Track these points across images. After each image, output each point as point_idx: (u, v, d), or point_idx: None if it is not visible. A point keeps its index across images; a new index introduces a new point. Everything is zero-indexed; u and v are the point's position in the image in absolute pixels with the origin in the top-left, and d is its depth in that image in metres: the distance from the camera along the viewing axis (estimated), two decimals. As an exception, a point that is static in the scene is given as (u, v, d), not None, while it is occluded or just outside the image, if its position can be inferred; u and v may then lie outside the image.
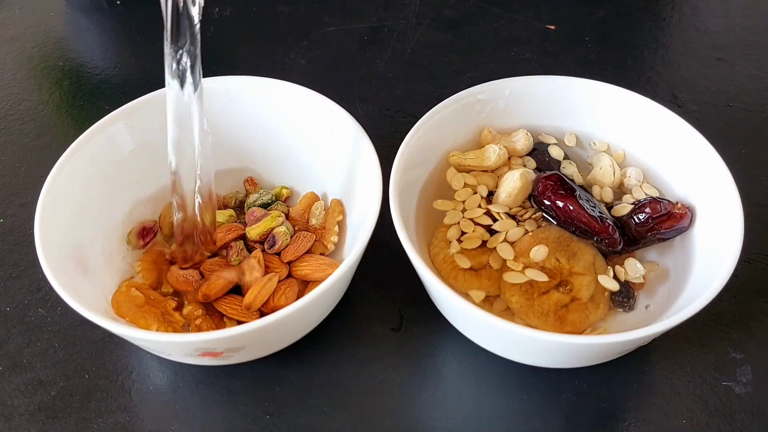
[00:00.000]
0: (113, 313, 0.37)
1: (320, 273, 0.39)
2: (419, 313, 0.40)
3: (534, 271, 0.37)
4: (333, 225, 0.41)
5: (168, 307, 0.38)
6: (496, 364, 0.38)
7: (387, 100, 0.53)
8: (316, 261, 0.40)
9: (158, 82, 0.43)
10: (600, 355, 0.36)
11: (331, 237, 0.41)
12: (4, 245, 0.45)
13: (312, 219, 0.42)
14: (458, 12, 0.61)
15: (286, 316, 0.32)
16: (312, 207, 0.42)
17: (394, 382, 0.38)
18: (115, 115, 0.41)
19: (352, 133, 0.40)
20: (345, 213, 0.42)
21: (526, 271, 0.37)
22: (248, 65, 0.57)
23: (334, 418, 0.37)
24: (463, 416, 0.37)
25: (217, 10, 0.61)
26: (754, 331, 0.39)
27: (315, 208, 0.42)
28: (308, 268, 0.39)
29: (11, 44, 0.59)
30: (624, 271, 0.38)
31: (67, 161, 0.39)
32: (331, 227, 0.41)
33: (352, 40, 0.59)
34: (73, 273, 0.37)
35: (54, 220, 0.37)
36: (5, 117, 0.53)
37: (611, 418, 0.36)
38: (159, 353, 0.36)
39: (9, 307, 0.42)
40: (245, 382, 0.38)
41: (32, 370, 0.39)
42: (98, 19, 0.62)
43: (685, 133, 0.40)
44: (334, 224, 0.41)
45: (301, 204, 0.43)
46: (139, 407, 0.37)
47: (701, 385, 0.37)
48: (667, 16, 0.60)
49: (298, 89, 0.42)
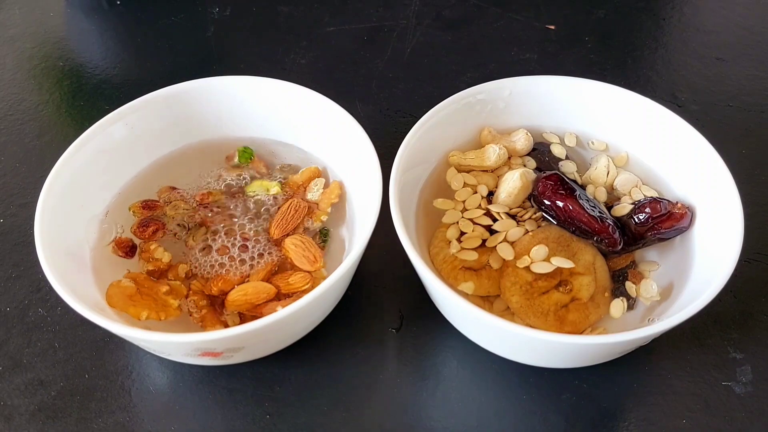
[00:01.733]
0: (109, 308, 0.37)
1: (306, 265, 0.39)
2: (419, 313, 0.40)
3: (541, 264, 0.37)
4: (327, 205, 0.41)
5: (159, 292, 0.38)
6: (496, 364, 0.38)
7: (387, 100, 0.53)
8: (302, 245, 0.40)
9: (158, 82, 0.44)
10: (600, 355, 0.36)
11: (321, 216, 0.41)
12: (4, 245, 0.45)
13: (309, 193, 0.42)
14: (458, 12, 0.61)
15: (286, 316, 0.32)
16: (312, 182, 0.43)
17: (394, 382, 0.38)
18: (115, 115, 0.41)
19: (352, 133, 0.40)
20: (344, 197, 0.42)
21: (533, 266, 0.37)
22: (248, 65, 0.57)
23: (334, 418, 0.37)
24: (463, 416, 0.37)
25: (217, 10, 0.62)
26: (754, 331, 0.39)
27: (314, 184, 0.43)
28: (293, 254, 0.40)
29: (11, 44, 0.59)
30: (637, 289, 0.38)
31: (67, 161, 0.39)
32: (324, 207, 0.41)
33: (352, 40, 0.59)
34: (73, 273, 0.37)
35: (54, 220, 0.37)
36: (5, 117, 0.53)
37: (611, 418, 0.36)
38: (159, 353, 0.36)
39: (9, 307, 0.42)
40: (245, 382, 0.38)
41: (32, 370, 0.39)
42: (98, 19, 0.62)
43: (685, 133, 0.40)
44: (328, 204, 0.41)
45: (302, 175, 0.43)
46: (139, 407, 0.37)
47: (701, 385, 0.37)
48: (667, 16, 0.60)
49: (298, 89, 0.43)
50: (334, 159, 0.44)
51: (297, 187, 0.43)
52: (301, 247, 0.40)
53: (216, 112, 0.44)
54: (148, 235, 0.41)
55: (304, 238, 0.40)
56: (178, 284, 0.38)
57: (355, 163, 0.41)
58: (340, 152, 0.43)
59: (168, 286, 0.38)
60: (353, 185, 0.42)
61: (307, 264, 0.39)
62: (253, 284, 0.38)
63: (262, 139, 0.45)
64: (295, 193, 0.43)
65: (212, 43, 0.59)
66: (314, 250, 0.40)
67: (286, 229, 0.40)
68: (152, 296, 0.38)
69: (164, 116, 0.43)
